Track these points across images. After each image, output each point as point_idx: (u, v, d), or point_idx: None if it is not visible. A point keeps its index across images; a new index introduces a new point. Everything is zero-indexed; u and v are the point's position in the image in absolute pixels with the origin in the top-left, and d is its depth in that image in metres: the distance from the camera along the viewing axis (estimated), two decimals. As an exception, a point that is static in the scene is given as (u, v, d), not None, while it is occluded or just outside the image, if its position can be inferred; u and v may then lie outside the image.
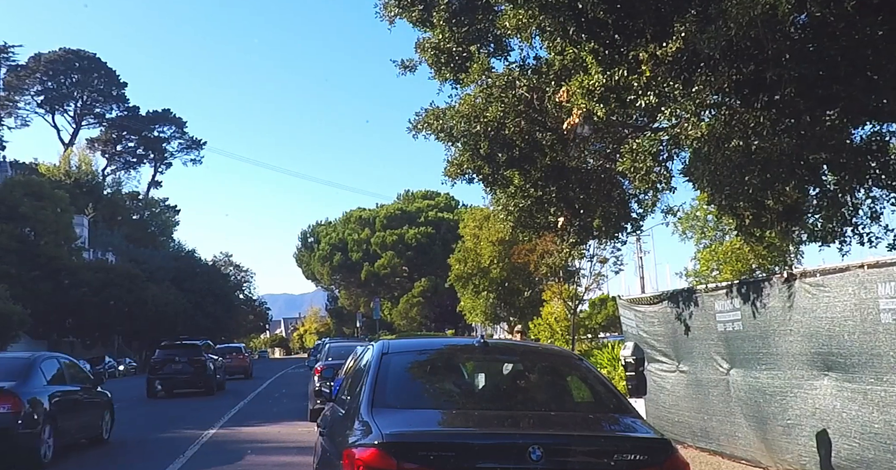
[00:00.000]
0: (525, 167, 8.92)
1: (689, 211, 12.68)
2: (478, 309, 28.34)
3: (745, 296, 8.79)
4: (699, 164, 6.91)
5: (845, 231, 7.71)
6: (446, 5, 9.03)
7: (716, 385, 9.53)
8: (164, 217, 77.48)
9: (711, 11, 5.95)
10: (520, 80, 8.67)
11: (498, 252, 25.56)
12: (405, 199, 69.50)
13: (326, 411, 6.31)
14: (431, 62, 9.51)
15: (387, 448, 3.97)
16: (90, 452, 12.03)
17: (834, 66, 6.28)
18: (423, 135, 9.25)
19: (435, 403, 4.95)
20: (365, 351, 5.77)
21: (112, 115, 74.51)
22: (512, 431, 4.38)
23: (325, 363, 15.68)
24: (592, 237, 10.34)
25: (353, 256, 64.65)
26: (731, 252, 11.26)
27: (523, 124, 8.47)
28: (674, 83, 6.53)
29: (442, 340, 10.92)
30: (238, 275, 77.35)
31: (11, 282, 38.45)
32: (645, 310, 11.51)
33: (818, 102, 6.69)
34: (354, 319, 66.01)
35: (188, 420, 16.15)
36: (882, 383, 6.71)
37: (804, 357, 7.79)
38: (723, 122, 6.62)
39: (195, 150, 78.08)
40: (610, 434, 4.59)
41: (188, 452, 11.37)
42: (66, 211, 47.26)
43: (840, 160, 7.12)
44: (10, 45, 67.01)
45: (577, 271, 22.13)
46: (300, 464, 9.35)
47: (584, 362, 5.61)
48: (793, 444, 8.04)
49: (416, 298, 58.30)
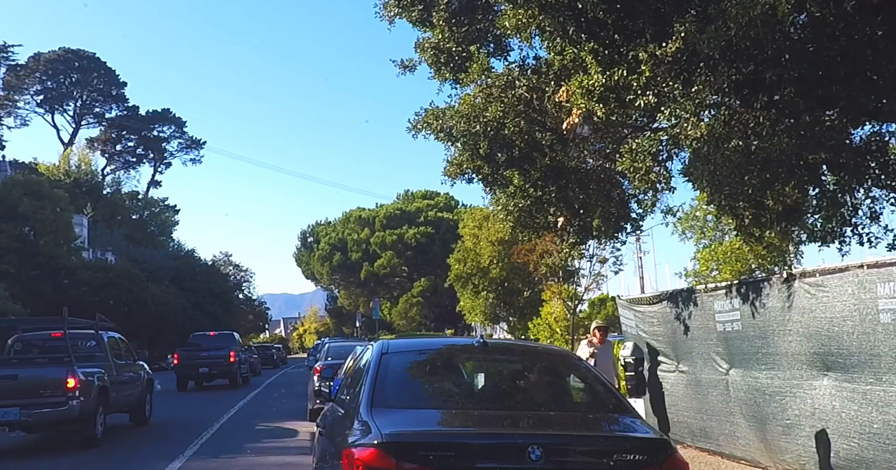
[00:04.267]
0: (524, 167, 8.91)
1: (688, 211, 12.68)
2: (477, 309, 28.35)
3: (744, 296, 8.79)
4: (699, 165, 6.91)
5: (845, 231, 7.71)
6: (446, 5, 9.03)
7: (715, 385, 9.53)
8: (163, 217, 77.46)
9: (711, 11, 5.95)
10: (519, 79, 8.67)
11: (497, 252, 25.57)
12: (405, 199, 69.48)
13: (326, 411, 6.31)
14: (431, 62, 9.50)
15: (386, 448, 3.97)
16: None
17: (834, 66, 6.28)
18: (423, 135, 9.25)
19: (434, 402, 4.95)
20: (364, 351, 5.76)
21: (112, 114, 74.54)
22: (511, 431, 4.38)
23: (325, 363, 15.66)
24: (592, 237, 10.33)
25: (353, 256, 64.66)
26: (731, 252, 11.24)
27: (523, 124, 8.47)
28: (673, 83, 6.53)
29: (441, 339, 10.92)
30: (238, 275, 77.29)
31: (11, 281, 38.44)
32: (644, 310, 11.51)
33: (818, 102, 6.69)
34: (354, 319, 65.98)
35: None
36: (881, 383, 6.71)
37: (803, 357, 7.79)
38: (722, 122, 6.62)
39: (195, 149, 78.12)
40: (609, 434, 4.59)
41: (187, 453, 11.38)
42: (65, 210, 47.22)
43: (840, 160, 7.12)
44: (10, 45, 67.01)
45: (577, 271, 22.14)
46: (300, 464, 9.35)
47: (583, 362, 5.63)
48: (792, 444, 8.04)
49: (415, 298, 58.31)
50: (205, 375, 27.13)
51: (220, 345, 27.66)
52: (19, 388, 11.35)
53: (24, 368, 12.06)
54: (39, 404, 11.28)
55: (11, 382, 11.41)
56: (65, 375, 11.47)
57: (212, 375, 27.16)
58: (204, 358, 26.89)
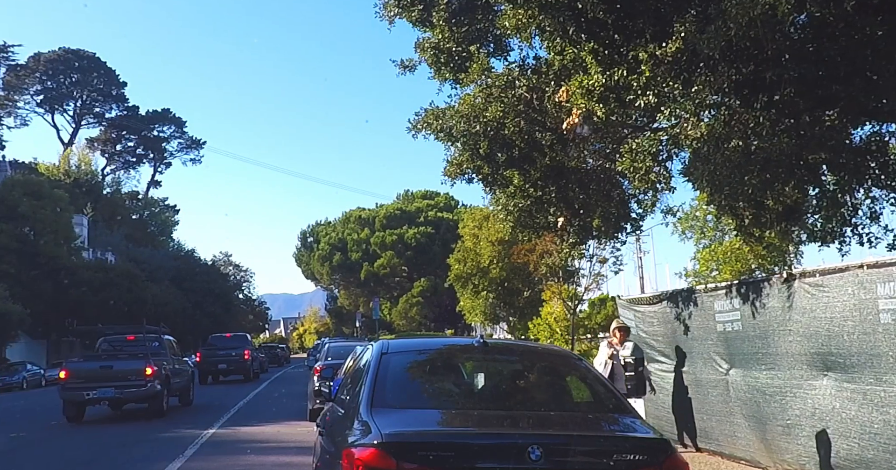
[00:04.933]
0: (524, 167, 8.91)
1: (688, 211, 12.69)
2: (477, 309, 28.32)
3: (744, 296, 8.79)
4: (699, 165, 6.90)
5: (845, 231, 7.70)
6: (446, 5, 9.02)
7: (715, 385, 9.53)
8: (163, 217, 77.50)
9: (711, 11, 5.95)
10: (519, 79, 8.67)
11: (497, 252, 25.54)
12: (405, 198, 69.48)
13: (326, 411, 6.31)
14: (431, 62, 9.50)
15: (386, 448, 3.96)
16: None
17: (833, 66, 6.28)
18: (423, 135, 9.24)
19: (434, 402, 4.94)
20: (364, 351, 5.76)
21: (112, 114, 74.62)
22: (511, 431, 4.37)
23: (325, 363, 15.67)
24: (592, 237, 10.33)
25: (353, 256, 64.66)
26: (731, 252, 11.25)
27: (523, 124, 8.47)
28: (673, 83, 6.53)
29: (441, 339, 10.92)
30: (237, 275, 77.40)
31: (11, 281, 38.45)
32: (644, 310, 11.51)
33: (818, 102, 6.68)
34: (354, 319, 66.01)
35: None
36: (881, 383, 6.71)
37: (803, 357, 7.79)
38: (722, 122, 6.62)
39: (195, 149, 78.22)
40: (609, 434, 4.59)
41: (187, 452, 11.44)
42: (65, 210, 47.25)
43: (839, 160, 7.12)
44: (10, 45, 67.15)
45: (577, 271, 22.13)
46: (300, 464, 9.36)
47: (583, 362, 5.61)
48: (792, 444, 8.04)
49: (415, 298, 58.30)
50: (223, 370, 31.40)
51: (236, 345, 32.25)
52: (113, 375, 16.59)
53: (116, 361, 17.28)
54: (127, 386, 16.56)
55: (108, 370, 16.71)
56: (144, 366, 16.70)
57: (229, 370, 31.34)
58: (222, 356, 31.50)
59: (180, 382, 19.19)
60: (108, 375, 16.50)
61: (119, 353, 18.06)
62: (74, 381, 16.55)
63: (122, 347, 18.53)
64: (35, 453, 12.26)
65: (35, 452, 12.36)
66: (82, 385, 16.39)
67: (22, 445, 13.25)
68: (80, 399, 16.42)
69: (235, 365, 31.43)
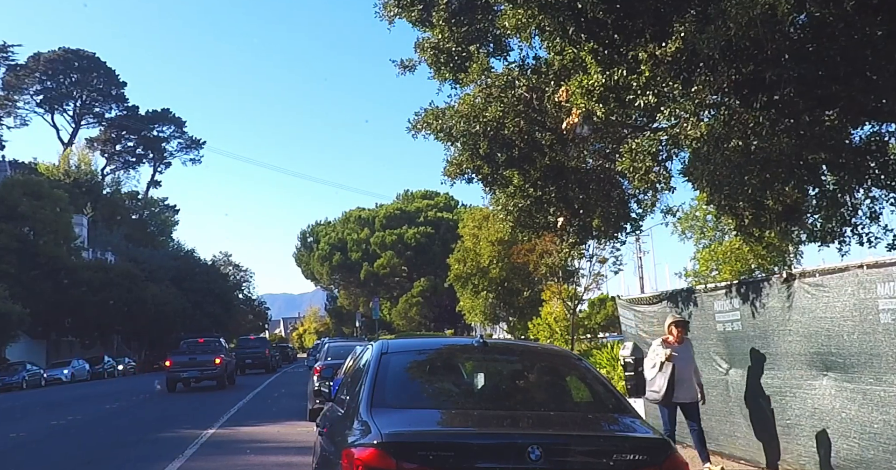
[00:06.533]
0: (524, 167, 8.91)
1: (688, 211, 12.69)
2: (477, 309, 28.33)
3: (744, 296, 8.78)
4: (698, 164, 6.90)
5: (844, 231, 7.71)
6: (446, 5, 9.02)
7: (715, 385, 9.53)
8: (163, 217, 77.51)
9: (711, 11, 5.95)
10: (519, 79, 8.66)
11: (497, 252, 25.54)
12: (404, 198, 69.48)
13: (326, 411, 6.31)
14: (431, 62, 9.50)
15: (386, 448, 3.96)
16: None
17: (833, 66, 6.28)
18: (423, 135, 9.24)
19: (434, 402, 4.94)
20: (364, 351, 5.76)
21: (111, 114, 74.63)
22: (511, 431, 4.37)
23: (325, 363, 15.66)
24: (592, 237, 10.33)
25: (353, 256, 64.65)
26: (731, 252, 11.24)
27: (522, 124, 8.47)
28: (673, 83, 6.53)
29: (441, 339, 10.91)
30: (237, 275, 77.34)
31: (11, 281, 38.43)
32: (644, 310, 11.50)
33: (817, 102, 6.68)
34: (354, 319, 65.99)
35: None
36: (881, 383, 6.71)
37: (803, 357, 7.79)
38: (722, 122, 6.62)
39: (194, 149, 78.19)
40: (609, 434, 4.58)
41: (186, 452, 11.47)
42: (65, 210, 47.25)
43: (839, 160, 7.12)
44: (10, 45, 67.20)
45: (577, 271, 22.15)
46: (299, 464, 9.35)
47: (583, 362, 5.61)
48: (792, 444, 8.03)
49: (415, 298, 58.30)
50: (195, 377, 27.50)
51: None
52: (197, 363, 27.07)
53: (197, 355, 27.63)
54: (205, 369, 27.07)
55: (194, 360, 27.18)
56: (214, 357, 27.44)
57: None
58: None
59: (229, 368, 29.64)
60: (194, 363, 26.92)
61: (196, 349, 28.26)
62: (175, 367, 26.86)
63: (196, 346, 28.68)
64: (35, 453, 12.27)
65: (35, 452, 12.36)
66: (179, 369, 26.72)
67: (22, 444, 13.26)
68: (178, 378, 26.68)
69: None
